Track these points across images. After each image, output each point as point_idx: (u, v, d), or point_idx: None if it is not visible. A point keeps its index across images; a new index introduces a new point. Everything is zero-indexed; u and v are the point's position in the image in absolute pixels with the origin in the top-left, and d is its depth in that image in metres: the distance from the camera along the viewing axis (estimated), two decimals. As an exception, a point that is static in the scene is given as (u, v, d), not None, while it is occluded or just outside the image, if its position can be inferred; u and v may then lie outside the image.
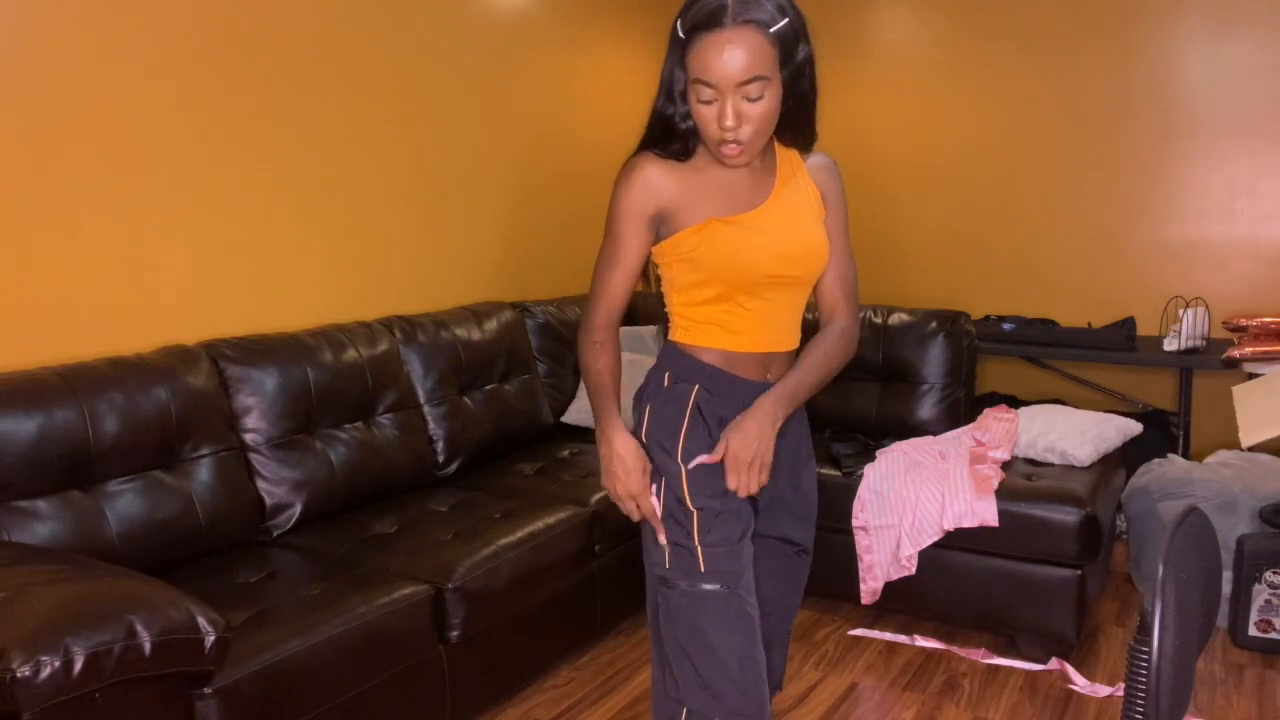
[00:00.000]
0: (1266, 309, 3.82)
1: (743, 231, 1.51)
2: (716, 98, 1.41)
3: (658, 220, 1.54)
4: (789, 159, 1.60)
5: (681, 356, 1.60)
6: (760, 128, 1.43)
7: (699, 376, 1.58)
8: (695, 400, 1.57)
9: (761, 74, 1.39)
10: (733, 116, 1.40)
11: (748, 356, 1.58)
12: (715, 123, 1.42)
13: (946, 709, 2.51)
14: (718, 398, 1.57)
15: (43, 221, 2.30)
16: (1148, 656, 1.07)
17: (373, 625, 2.06)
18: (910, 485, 2.81)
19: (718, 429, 1.56)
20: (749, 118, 1.42)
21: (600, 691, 2.61)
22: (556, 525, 2.60)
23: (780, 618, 1.73)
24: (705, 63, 1.39)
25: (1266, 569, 2.71)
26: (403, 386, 2.94)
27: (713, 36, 1.37)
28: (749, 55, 1.37)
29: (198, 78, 2.60)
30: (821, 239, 1.57)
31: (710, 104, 1.42)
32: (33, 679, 1.45)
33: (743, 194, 1.53)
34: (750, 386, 1.58)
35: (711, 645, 1.49)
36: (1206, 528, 1.26)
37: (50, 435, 2.09)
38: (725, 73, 1.38)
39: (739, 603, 1.51)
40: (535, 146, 3.85)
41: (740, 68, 1.37)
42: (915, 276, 4.51)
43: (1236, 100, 3.86)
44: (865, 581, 2.88)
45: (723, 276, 1.52)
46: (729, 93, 1.39)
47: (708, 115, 1.43)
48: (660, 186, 1.51)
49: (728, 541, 1.52)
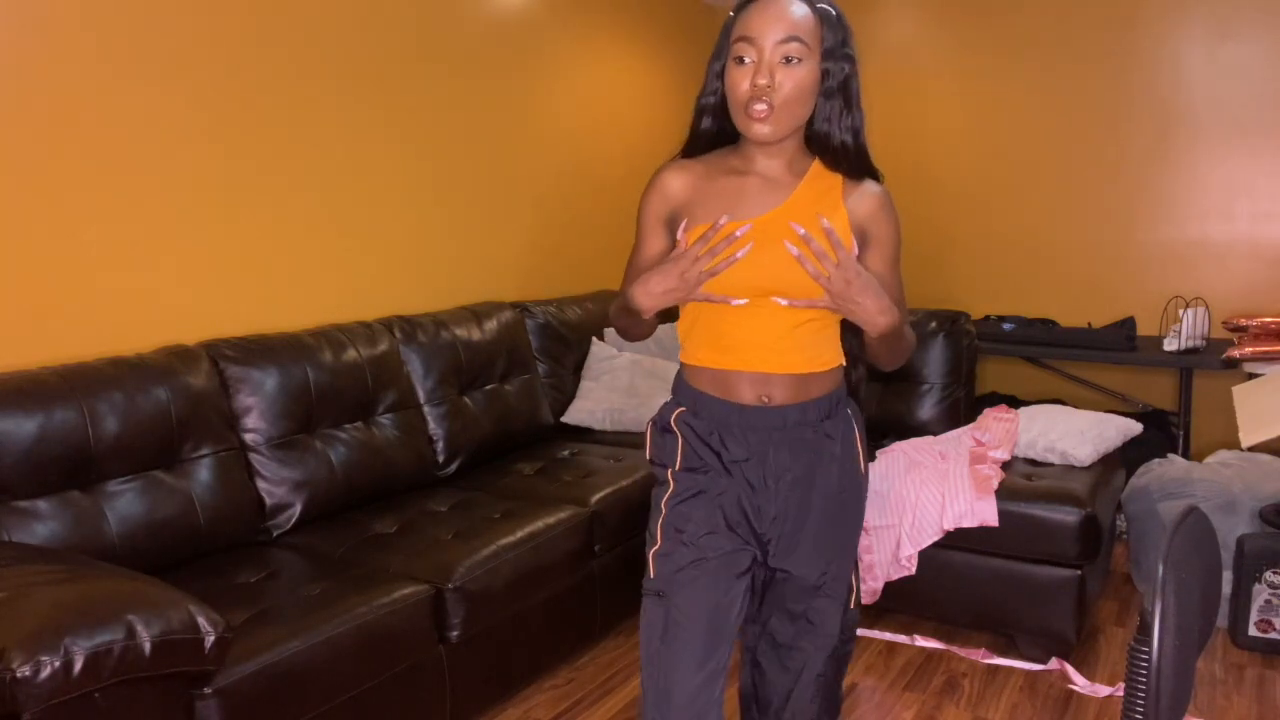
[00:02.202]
0: (1266, 309, 3.82)
1: (754, 232, 1.46)
2: (754, 56, 1.42)
3: (674, 223, 1.54)
4: (823, 178, 1.53)
5: (679, 377, 1.62)
6: (792, 96, 1.43)
7: (686, 399, 1.59)
8: (675, 422, 1.59)
9: (802, 38, 1.41)
10: (766, 73, 1.41)
11: (739, 376, 1.52)
12: (749, 80, 1.42)
13: (946, 709, 2.51)
14: (700, 419, 1.56)
15: (43, 221, 2.30)
16: (1148, 656, 1.07)
17: (373, 625, 2.06)
18: (910, 485, 2.81)
19: (701, 449, 1.55)
20: (782, 82, 1.42)
21: (600, 691, 2.61)
22: (556, 525, 2.59)
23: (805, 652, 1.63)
24: (748, 20, 1.43)
25: (1266, 569, 2.71)
26: (403, 386, 2.93)
27: (761, 2, 1.43)
28: (794, 17, 1.41)
29: (200, 78, 2.60)
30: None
31: (746, 64, 1.43)
32: (33, 679, 1.45)
33: (753, 199, 1.50)
34: (731, 409, 1.52)
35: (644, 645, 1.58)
36: (1206, 528, 1.26)
37: (50, 435, 2.08)
38: (766, 26, 1.41)
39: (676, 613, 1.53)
40: (535, 147, 3.85)
41: (785, 24, 1.40)
42: (915, 276, 4.48)
43: (1236, 100, 3.86)
44: (865, 581, 2.88)
45: (725, 277, 1.47)
46: (767, 49, 1.41)
47: (740, 75, 1.44)
48: (674, 189, 1.54)
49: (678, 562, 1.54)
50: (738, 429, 1.53)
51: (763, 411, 1.52)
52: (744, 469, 1.53)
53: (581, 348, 3.69)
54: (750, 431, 1.53)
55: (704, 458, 1.55)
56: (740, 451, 1.53)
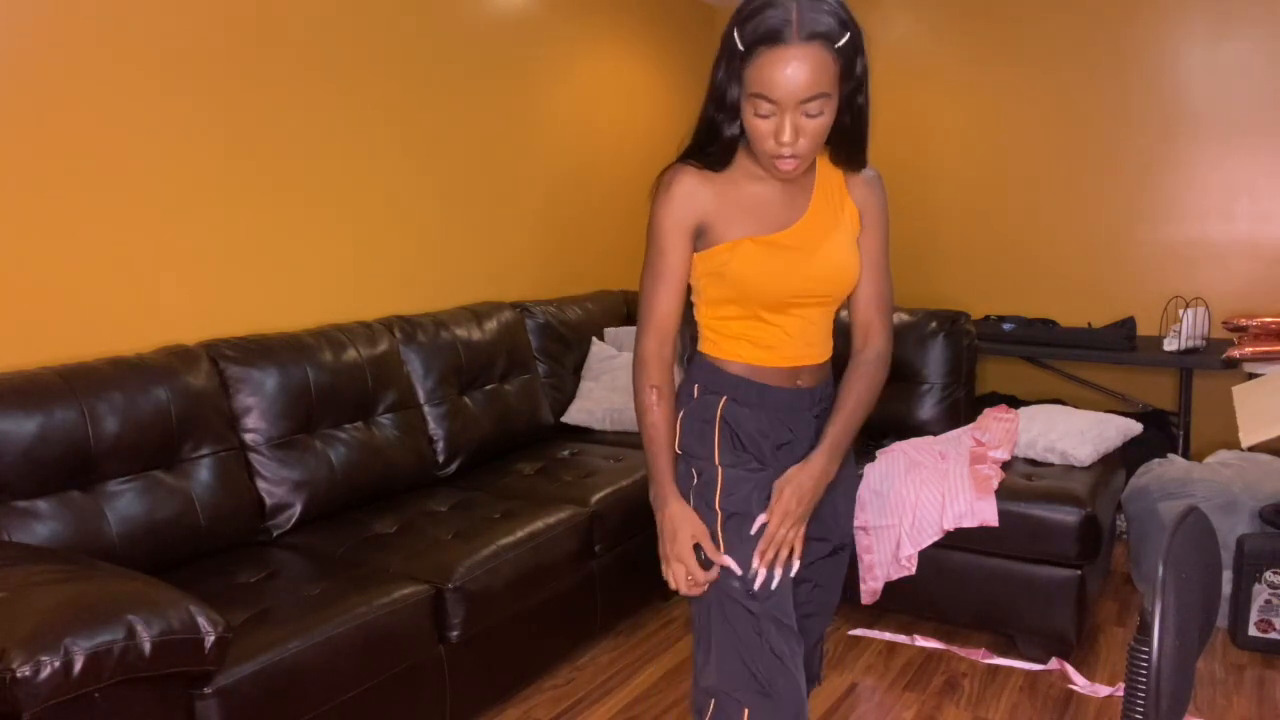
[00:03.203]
0: (1266, 309, 3.82)
1: (774, 251, 1.50)
2: (775, 112, 1.39)
3: (698, 232, 1.53)
4: (829, 174, 1.57)
5: (709, 369, 1.60)
6: (816, 141, 1.42)
7: (725, 388, 1.59)
8: (722, 413, 1.58)
9: (824, 91, 1.36)
10: (791, 132, 1.38)
11: (776, 370, 1.58)
12: (772, 137, 1.40)
13: (946, 709, 2.51)
14: (746, 408, 1.58)
15: (43, 221, 2.30)
16: (1148, 656, 1.07)
17: (373, 625, 2.06)
18: (910, 485, 2.81)
19: (747, 439, 1.57)
20: (806, 132, 1.39)
21: (600, 691, 2.61)
22: (556, 525, 2.59)
23: (819, 617, 1.72)
24: (768, 79, 1.36)
25: (1266, 569, 2.71)
26: (403, 386, 2.94)
27: (777, 52, 1.34)
28: (813, 72, 1.34)
29: (200, 78, 2.60)
30: (853, 259, 1.56)
31: (768, 118, 1.39)
32: (33, 679, 1.45)
33: (778, 211, 1.52)
34: (780, 394, 1.58)
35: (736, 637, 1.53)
36: (1206, 528, 1.26)
37: (50, 435, 2.09)
38: (789, 89, 1.35)
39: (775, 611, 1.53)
40: (536, 147, 3.85)
41: (805, 84, 1.35)
42: (915, 276, 4.51)
43: (1236, 100, 3.86)
44: (865, 581, 2.88)
45: (750, 294, 1.52)
46: (790, 109, 1.37)
47: (764, 129, 1.41)
48: (701, 197, 1.50)
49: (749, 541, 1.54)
50: (781, 412, 1.58)
51: (798, 393, 1.59)
52: (784, 454, 1.59)
53: (581, 348, 3.69)
54: (789, 413, 1.59)
55: (749, 447, 1.58)
56: (783, 434, 1.59)
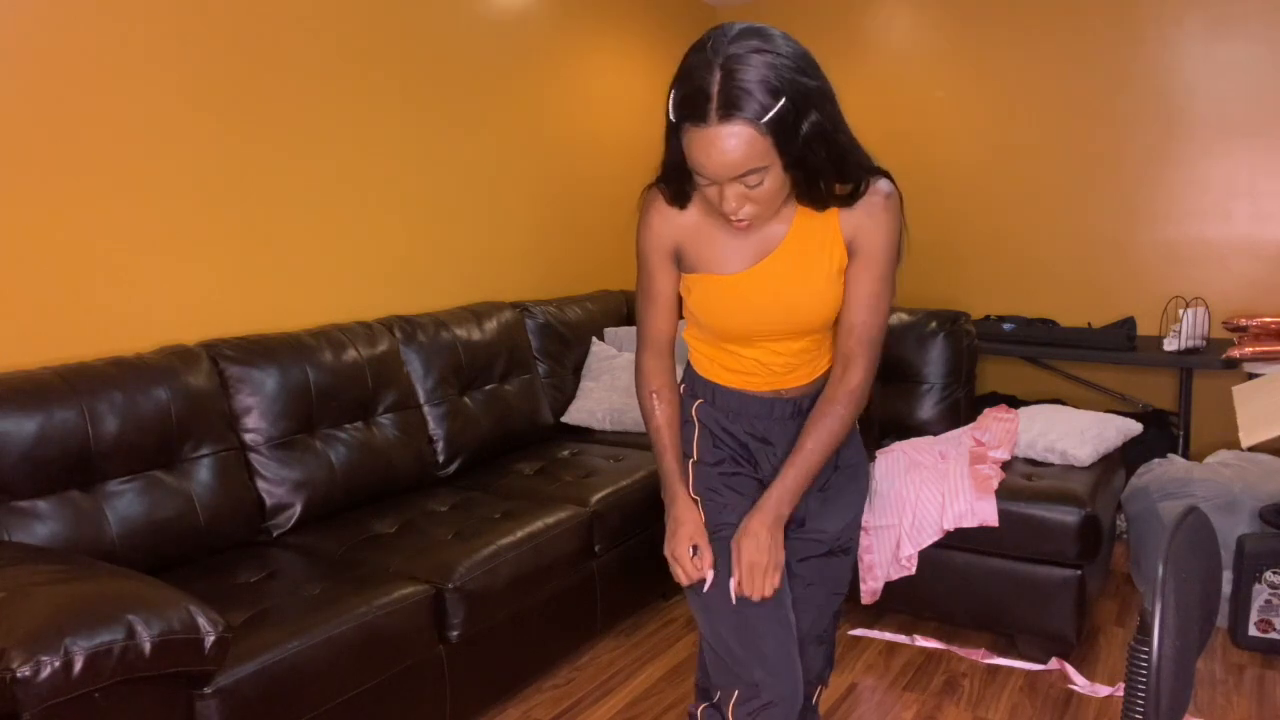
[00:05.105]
0: (1266, 309, 3.82)
1: (731, 290, 1.48)
2: (714, 183, 1.33)
3: (676, 255, 1.54)
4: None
5: (692, 374, 1.66)
6: (766, 204, 1.36)
7: (704, 392, 1.63)
8: (697, 414, 1.63)
9: (755, 166, 1.28)
10: (733, 200, 1.33)
11: (752, 393, 1.60)
12: (719, 201, 1.36)
13: (946, 709, 2.51)
14: (723, 413, 1.61)
15: (44, 221, 2.30)
16: (1148, 656, 1.07)
17: (372, 625, 2.06)
18: (910, 485, 2.81)
19: (724, 436, 1.62)
20: (751, 199, 1.34)
21: (600, 691, 2.61)
22: (556, 525, 2.59)
23: (814, 617, 1.68)
24: (695, 159, 1.30)
25: (1266, 569, 2.71)
26: (403, 386, 2.94)
27: (699, 132, 1.27)
28: (739, 152, 1.26)
29: (201, 78, 2.60)
30: (827, 295, 1.48)
31: (711, 185, 1.35)
32: (33, 679, 1.45)
33: (744, 248, 1.48)
34: (758, 402, 1.59)
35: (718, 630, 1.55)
36: (1206, 528, 1.26)
37: (50, 435, 2.09)
38: (716, 171, 1.29)
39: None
40: (536, 148, 3.85)
41: (732, 164, 1.27)
42: (915, 276, 4.51)
43: (1236, 100, 3.86)
44: (865, 581, 2.88)
45: (711, 328, 1.54)
46: (725, 184, 1.32)
47: (711, 194, 1.36)
48: (675, 223, 1.50)
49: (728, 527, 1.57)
50: (760, 419, 1.60)
51: (780, 402, 1.60)
52: (768, 452, 1.61)
53: (581, 348, 3.70)
54: (766, 420, 1.60)
55: (728, 443, 1.61)
56: (761, 434, 1.61)
